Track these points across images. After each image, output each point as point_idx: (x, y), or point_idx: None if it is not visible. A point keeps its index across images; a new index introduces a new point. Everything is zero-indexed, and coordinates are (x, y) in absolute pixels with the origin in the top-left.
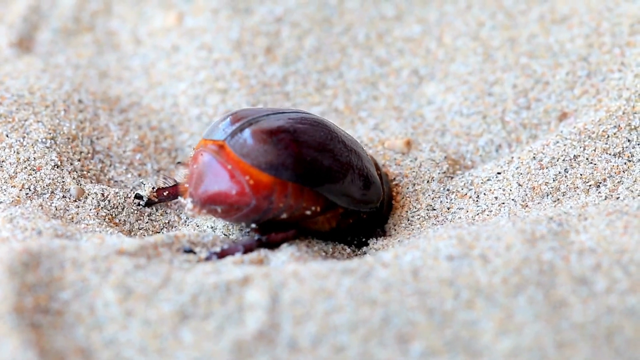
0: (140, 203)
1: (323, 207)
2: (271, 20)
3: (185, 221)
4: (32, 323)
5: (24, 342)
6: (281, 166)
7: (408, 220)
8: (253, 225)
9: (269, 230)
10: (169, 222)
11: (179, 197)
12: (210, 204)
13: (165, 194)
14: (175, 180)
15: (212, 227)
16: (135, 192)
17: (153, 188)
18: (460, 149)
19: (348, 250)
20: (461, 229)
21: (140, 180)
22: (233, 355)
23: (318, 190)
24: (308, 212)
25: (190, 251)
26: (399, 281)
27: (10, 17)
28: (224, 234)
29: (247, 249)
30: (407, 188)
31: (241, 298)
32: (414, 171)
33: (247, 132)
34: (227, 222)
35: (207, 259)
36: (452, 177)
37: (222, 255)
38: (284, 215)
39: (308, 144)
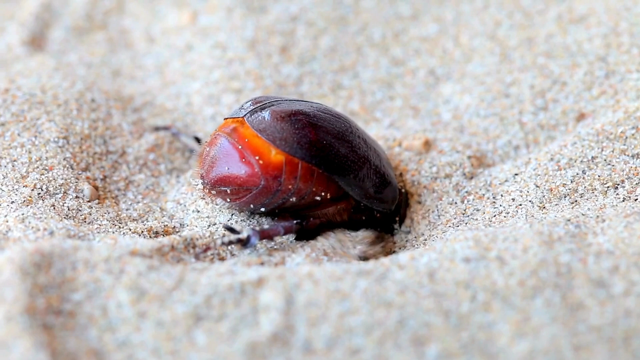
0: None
1: (334, 195)
2: (286, 19)
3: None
4: (44, 324)
5: (36, 343)
6: (296, 144)
7: (428, 221)
8: (263, 209)
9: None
10: (181, 225)
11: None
12: (220, 185)
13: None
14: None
15: (213, 223)
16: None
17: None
18: (480, 147)
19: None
20: (478, 231)
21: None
22: (247, 357)
23: (329, 175)
24: (318, 198)
25: (231, 229)
26: (415, 283)
27: (22, 15)
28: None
29: (287, 231)
30: (425, 183)
31: (255, 299)
32: (433, 171)
33: (267, 111)
34: (229, 211)
35: (248, 239)
36: (471, 178)
37: (263, 235)
38: (293, 199)
39: (326, 130)
